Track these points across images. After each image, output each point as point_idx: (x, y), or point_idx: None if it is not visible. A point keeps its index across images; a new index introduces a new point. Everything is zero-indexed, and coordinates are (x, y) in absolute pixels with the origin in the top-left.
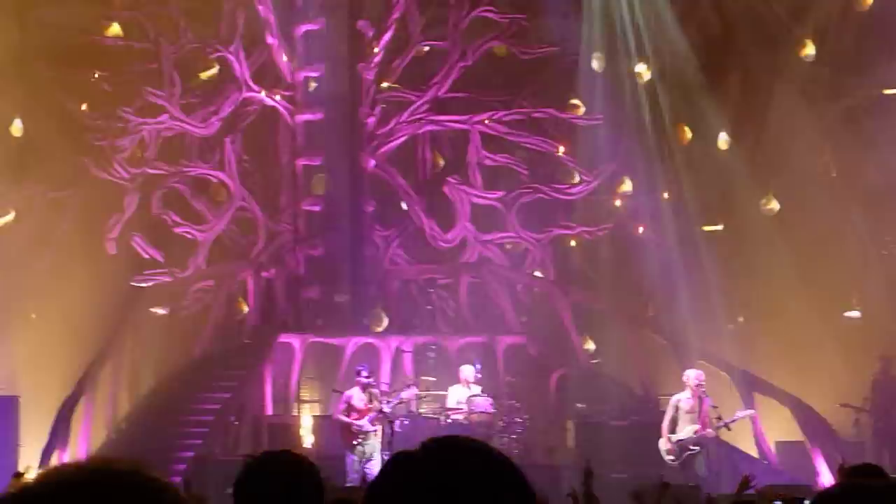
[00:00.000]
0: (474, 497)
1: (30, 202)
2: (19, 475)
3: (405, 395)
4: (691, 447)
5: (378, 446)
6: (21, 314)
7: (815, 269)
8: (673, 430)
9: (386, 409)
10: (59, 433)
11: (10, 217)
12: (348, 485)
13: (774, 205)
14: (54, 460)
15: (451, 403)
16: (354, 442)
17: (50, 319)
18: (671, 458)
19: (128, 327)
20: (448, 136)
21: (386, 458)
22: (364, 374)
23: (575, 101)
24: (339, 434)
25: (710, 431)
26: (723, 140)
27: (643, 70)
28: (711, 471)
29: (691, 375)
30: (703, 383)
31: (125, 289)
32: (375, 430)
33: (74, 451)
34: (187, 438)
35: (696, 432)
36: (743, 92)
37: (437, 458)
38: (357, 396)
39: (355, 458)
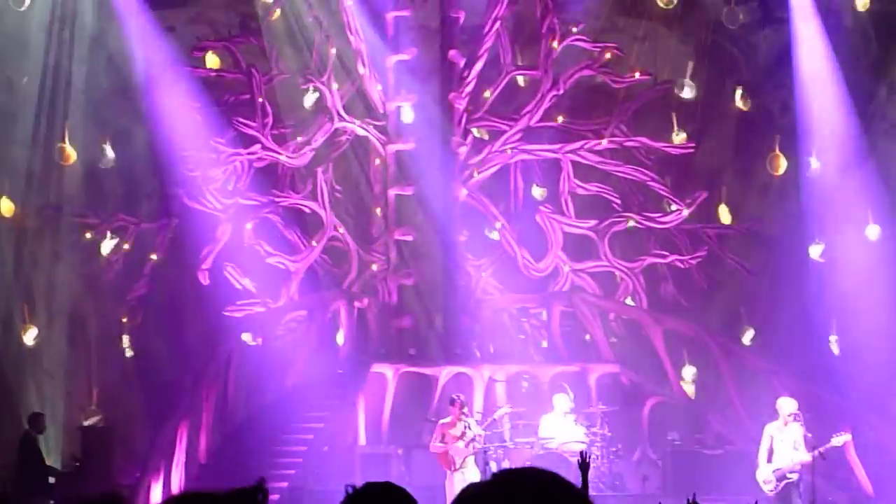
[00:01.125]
0: None
1: (121, 233)
2: None
3: (498, 413)
4: (789, 475)
5: (479, 473)
6: (114, 344)
7: None
8: (769, 460)
9: (479, 437)
10: (152, 463)
11: (118, 243)
12: None
13: (875, 231)
14: (149, 490)
15: (543, 433)
16: (454, 469)
17: (144, 349)
18: (770, 487)
19: (221, 357)
20: (540, 164)
21: None
22: (458, 403)
23: (678, 133)
24: (440, 462)
25: (806, 459)
26: (819, 166)
27: (739, 101)
28: (806, 500)
29: (784, 404)
30: (797, 412)
31: (217, 318)
32: (474, 454)
33: (169, 481)
34: (280, 469)
35: (792, 460)
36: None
37: (504, 489)
38: (451, 425)
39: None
